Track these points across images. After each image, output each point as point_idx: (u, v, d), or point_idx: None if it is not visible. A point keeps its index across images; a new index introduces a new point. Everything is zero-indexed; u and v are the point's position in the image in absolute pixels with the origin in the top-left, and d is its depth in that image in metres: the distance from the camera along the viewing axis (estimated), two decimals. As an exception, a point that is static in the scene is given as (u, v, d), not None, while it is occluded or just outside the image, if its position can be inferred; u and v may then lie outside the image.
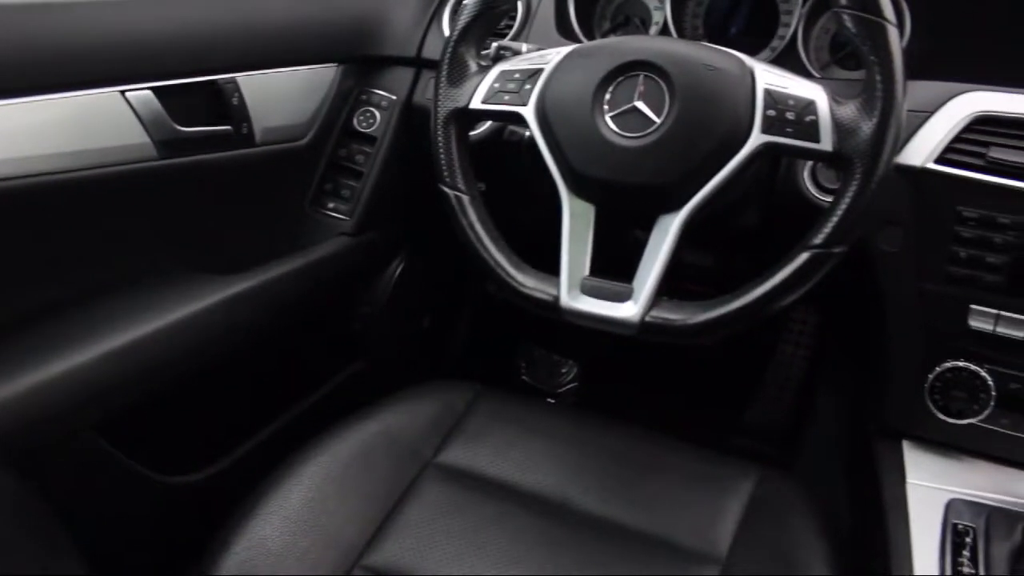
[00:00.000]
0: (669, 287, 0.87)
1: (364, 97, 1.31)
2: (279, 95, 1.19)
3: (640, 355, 1.68)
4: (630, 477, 1.04)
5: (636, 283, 0.86)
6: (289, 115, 1.22)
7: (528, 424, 1.11)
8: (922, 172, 0.96)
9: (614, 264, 0.89)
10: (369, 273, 1.42)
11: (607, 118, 0.87)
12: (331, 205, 1.30)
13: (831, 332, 1.66)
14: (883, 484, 1.01)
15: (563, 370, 1.88)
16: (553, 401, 1.80)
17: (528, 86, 0.91)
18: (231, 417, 1.25)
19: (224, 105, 1.10)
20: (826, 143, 0.80)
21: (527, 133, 0.95)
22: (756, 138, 0.82)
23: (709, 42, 0.94)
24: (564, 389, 1.86)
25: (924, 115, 0.97)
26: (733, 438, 1.68)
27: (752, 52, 1.16)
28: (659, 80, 0.86)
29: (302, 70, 1.22)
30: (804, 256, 0.81)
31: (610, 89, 0.87)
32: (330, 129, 1.29)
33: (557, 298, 0.89)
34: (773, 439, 1.67)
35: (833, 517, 1.03)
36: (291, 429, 1.32)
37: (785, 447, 1.61)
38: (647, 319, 0.85)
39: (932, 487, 0.99)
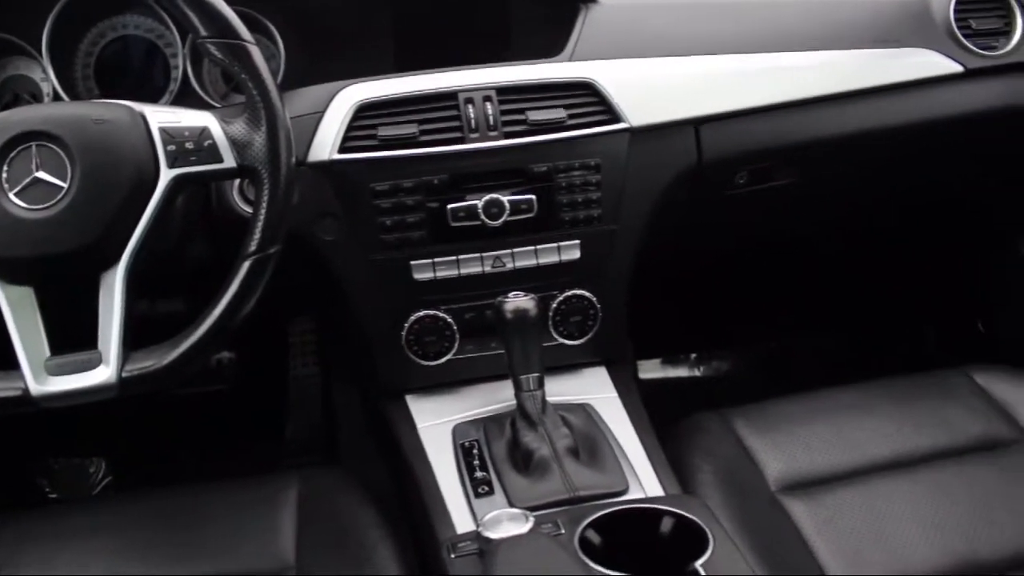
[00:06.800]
0: (153, 343, 0.88)
1: None
2: None
3: (161, 420, 1.65)
4: (183, 534, 1.04)
5: (102, 346, 0.86)
6: None
7: (61, 533, 1.05)
8: (332, 164, 1.07)
9: (83, 335, 0.87)
10: None
11: (11, 196, 0.84)
12: None
13: (326, 333, 1.77)
14: (400, 438, 1.13)
15: (91, 470, 1.77)
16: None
17: None
18: None
19: None
20: (229, 161, 0.88)
21: None
22: (166, 174, 0.86)
23: (106, 100, 0.95)
24: (100, 487, 1.76)
25: (317, 115, 1.08)
26: (283, 461, 1.73)
27: (155, 99, 1.20)
28: (53, 146, 0.85)
29: None
30: (245, 265, 0.87)
31: (4, 167, 0.85)
32: None
33: (26, 389, 0.85)
34: (318, 447, 1.75)
35: (376, 486, 1.12)
36: None
37: (330, 450, 1.70)
38: (124, 375, 0.86)
39: (438, 423, 1.13)
